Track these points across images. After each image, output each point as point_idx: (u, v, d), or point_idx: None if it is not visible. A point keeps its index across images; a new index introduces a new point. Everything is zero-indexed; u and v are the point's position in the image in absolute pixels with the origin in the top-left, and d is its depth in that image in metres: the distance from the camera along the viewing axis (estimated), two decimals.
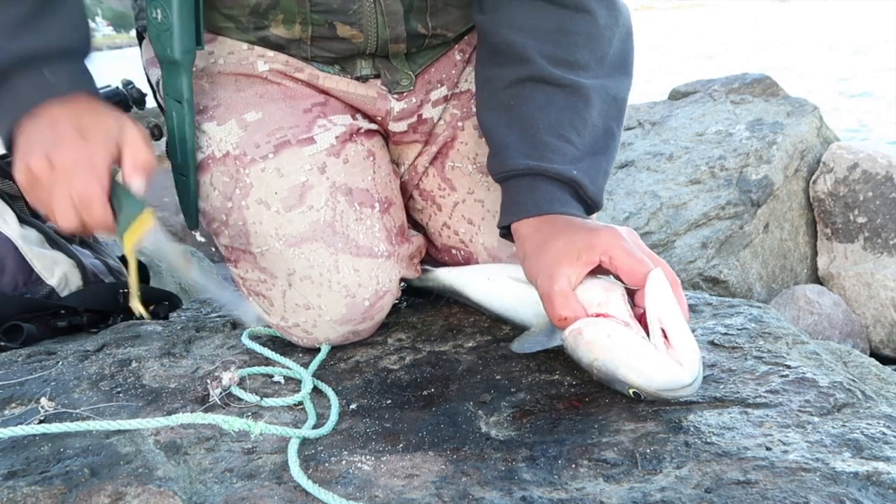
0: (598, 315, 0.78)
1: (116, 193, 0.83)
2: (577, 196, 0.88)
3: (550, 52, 0.89)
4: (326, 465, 0.71)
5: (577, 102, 0.89)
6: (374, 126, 1.07)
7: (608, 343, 0.76)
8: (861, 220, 2.90)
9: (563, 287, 0.79)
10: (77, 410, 0.84)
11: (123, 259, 1.44)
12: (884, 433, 0.70)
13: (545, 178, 0.86)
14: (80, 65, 0.89)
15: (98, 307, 1.19)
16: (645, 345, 0.75)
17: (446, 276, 1.08)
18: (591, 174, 0.88)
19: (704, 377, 0.83)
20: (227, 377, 0.85)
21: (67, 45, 0.87)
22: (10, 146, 0.86)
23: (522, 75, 0.90)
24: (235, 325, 1.11)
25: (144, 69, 1.15)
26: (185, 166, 0.97)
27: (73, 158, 0.81)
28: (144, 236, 0.84)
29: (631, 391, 0.77)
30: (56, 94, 0.84)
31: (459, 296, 1.06)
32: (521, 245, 0.88)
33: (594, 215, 0.94)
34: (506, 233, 0.92)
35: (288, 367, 0.93)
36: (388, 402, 0.84)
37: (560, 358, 0.89)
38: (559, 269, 0.79)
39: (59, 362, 0.98)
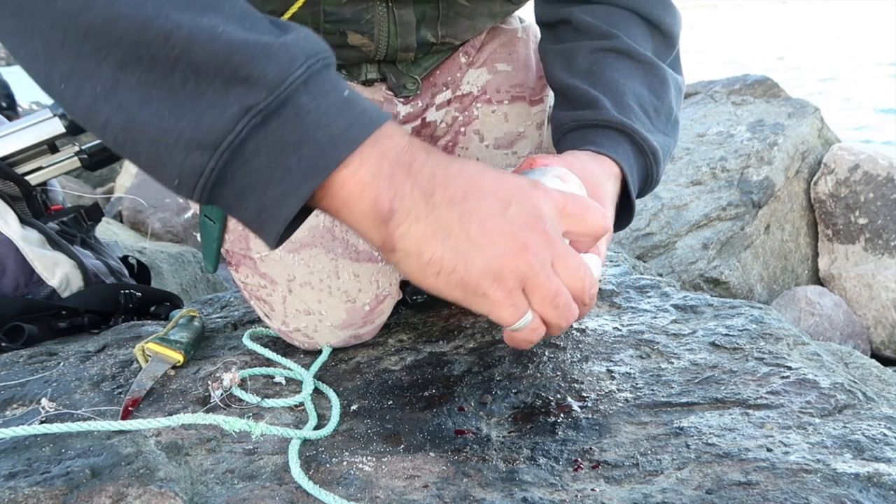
0: None
1: None
2: (646, 168, 0.87)
3: (630, 36, 0.91)
4: (327, 466, 0.71)
5: (655, 81, 0.90)
6: None
7: None
8: (862, 221, 2.90)
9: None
10: (78, 411, 0.84)
11: (125, 260, 1.44)
12: (885, 434, 0.70)
13: (630, 140, 0.85)
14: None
15: (99, 308, 1.19)
16: None
17: None
18: (663, 153, 0.88)
19: (705, 378, 0.83)
20: (229, 378, 0.85)
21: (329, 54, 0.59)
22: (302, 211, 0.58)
23: (606, 46, 0.91)
24: (237, 326, 1.11)
25: None
26: (214, 210, 0.95)
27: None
28: None
29: None
30: (372, 125, 0.57)
31: None
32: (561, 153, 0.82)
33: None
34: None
35: (289, 369, 0.93)
36: (389, 402, 0.84)
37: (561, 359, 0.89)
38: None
39: (60, 363, 0.98)
